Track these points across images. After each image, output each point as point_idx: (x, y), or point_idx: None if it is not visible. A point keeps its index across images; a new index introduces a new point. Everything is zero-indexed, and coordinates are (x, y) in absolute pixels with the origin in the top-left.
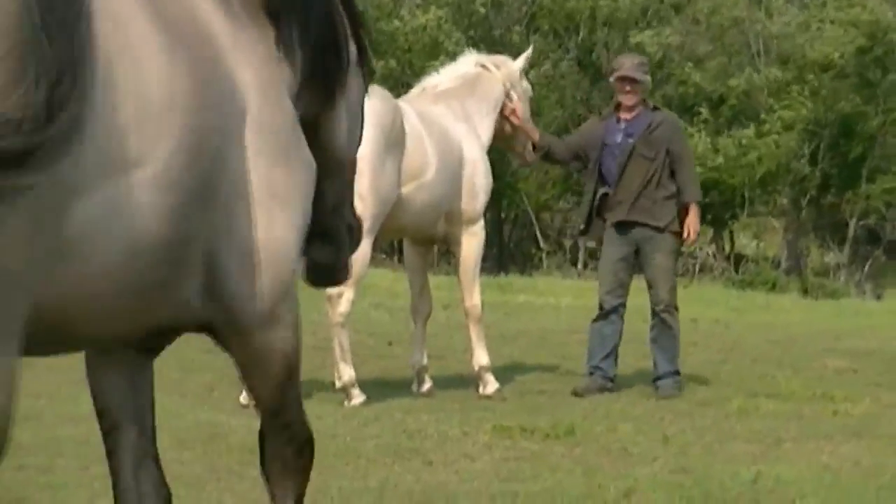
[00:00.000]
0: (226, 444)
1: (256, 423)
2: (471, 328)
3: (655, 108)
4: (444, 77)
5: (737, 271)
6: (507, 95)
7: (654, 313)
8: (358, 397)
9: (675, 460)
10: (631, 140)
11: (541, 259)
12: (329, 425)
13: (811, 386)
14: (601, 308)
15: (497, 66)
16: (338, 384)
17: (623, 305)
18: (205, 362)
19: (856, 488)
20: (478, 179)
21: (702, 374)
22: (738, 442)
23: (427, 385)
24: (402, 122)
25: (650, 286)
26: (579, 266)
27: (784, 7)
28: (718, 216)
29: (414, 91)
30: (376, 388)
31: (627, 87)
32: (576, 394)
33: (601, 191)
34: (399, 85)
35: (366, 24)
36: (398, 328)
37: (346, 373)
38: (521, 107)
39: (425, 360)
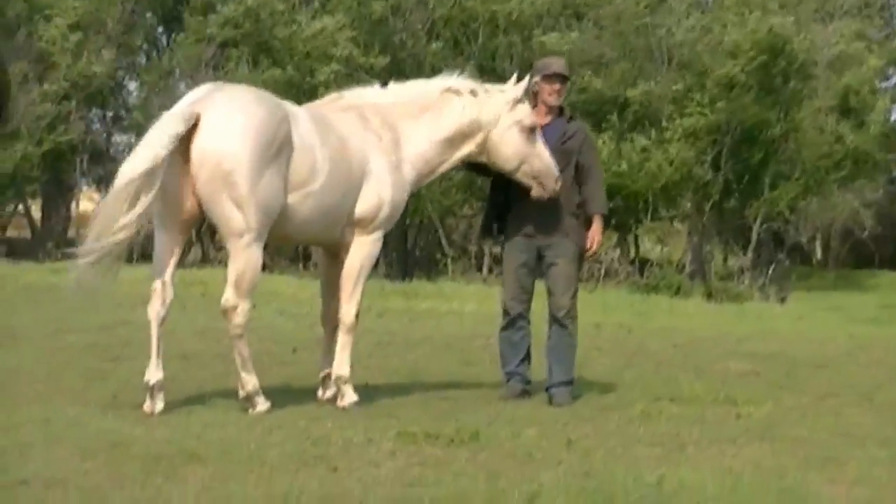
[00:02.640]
0: (128, 452)
1: (160, 433)
2: (340, 336)
3: (571, 118)
4: (384, 93)
5: (641, 275)
6: (477, 127)
7: (554, 320)
8: (262, 405)
9: (579, 464)
10: None
11: (446, 265)
12: (233, 433)
13: (714, 389)
14: (506, 314)
15: (475, 94)
16: (241, 394)
17: (528, 310)
18: (107, 371)
19: (758, 491)
20: (384, 190)
21: (605, 378)
22: (641, 446)
23: (331, 391)
24: (287, 132)
25: (550, 292)
26: (484, 271)
27: (686, 11)
28: (623, 221)
29: (330, 97)
30: (281, 396)
31: (557, 86)
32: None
33: (501, 197)
34: (300, 92)
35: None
36: (303, 335)
37: (250, 382)
38: (511, 141)
39: (331, 367)
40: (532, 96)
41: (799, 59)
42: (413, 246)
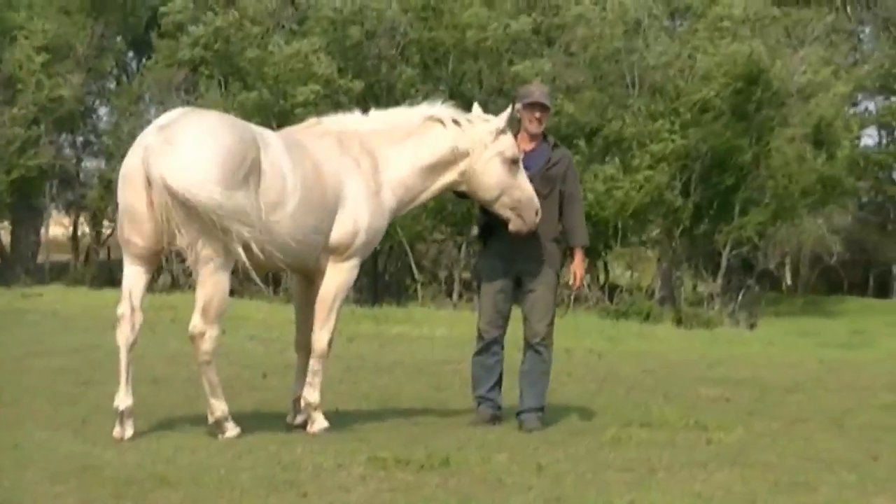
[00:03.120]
0: (99, 477)
1: (131, 457)
2: (311, 362)
3: (556, 145)
4: (364, 119)
5: (611, 301)
6: (458, 155)
7: (528, 346)
8: (232, 430)
9: (550, 490)
10: (527, 173)
11: (415, 290)
12: (203, 458)
13: (684, 415)
14: (481, 338)
15: (458, 123)
16: (210, 419)
17: (503, 336)
18: (78, 395)
19: None
20: (360, 217)
21: (576, 403)
22: (611, 471)
23: (302, 416)
24: (255, 157)
25: (526, 318)
26: (454, 297)
27: (658, 35)
28: (592, 246)
29: (308, 122)
30: (251, 421)
31: (537, 114)
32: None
33: (484, 219)
34: (272, 115)
35: None
36: (273, 360)
37: (219, 408)
38: (493, 172)
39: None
40: (515, 122)
41: (774, 86)
42: (383, 271)
